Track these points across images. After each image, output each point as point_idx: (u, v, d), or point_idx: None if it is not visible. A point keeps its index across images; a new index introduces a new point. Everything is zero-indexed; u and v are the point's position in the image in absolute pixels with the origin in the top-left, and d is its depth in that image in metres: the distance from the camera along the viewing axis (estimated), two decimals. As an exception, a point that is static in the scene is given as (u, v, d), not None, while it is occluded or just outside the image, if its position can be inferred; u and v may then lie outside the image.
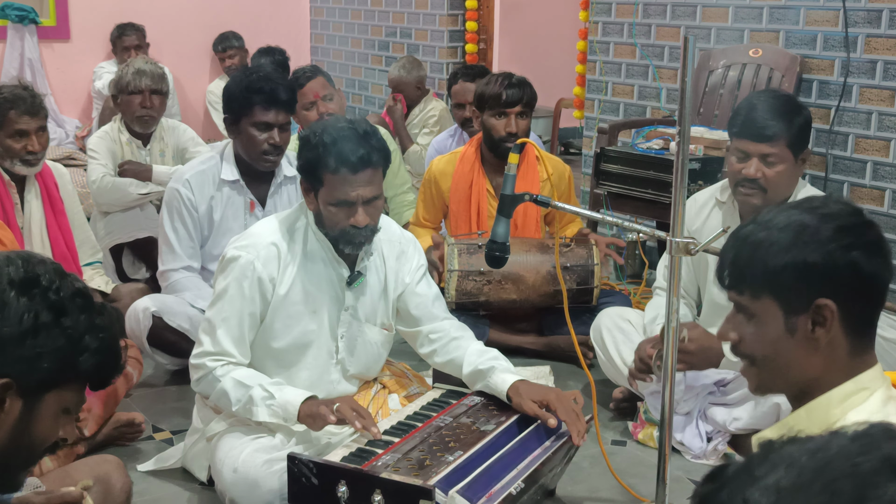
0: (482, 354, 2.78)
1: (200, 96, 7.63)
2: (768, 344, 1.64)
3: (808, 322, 1.60)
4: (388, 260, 2.84)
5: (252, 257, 2.65)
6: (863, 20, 4.25)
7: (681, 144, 2.18)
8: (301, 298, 2.71)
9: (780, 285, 1.60)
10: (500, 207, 2.67)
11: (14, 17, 6.94)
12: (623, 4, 5.38)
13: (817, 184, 4.43)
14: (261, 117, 3.43)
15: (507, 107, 3.91)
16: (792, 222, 1.60)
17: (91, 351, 1.51)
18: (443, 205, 4.18)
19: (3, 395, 1.43)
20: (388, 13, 7.23)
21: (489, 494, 2.30)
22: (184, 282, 3.61)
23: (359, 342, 2.82)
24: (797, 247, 1.59)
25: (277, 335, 2.72)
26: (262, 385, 2.62)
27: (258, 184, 3.61)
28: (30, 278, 1.47)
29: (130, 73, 4.44)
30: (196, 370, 2.71)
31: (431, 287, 2.91)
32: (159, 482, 2.89)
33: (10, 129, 3.52)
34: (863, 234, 1.61)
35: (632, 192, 4.49)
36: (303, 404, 2.56)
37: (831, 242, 1.58)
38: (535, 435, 2.59)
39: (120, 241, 4.50)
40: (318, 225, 2.69)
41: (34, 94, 3.61)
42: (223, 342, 2.66)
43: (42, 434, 1.53)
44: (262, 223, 2.79)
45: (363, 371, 2.87)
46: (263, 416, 2.60)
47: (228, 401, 2.63)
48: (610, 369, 3.40)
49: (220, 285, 2.69)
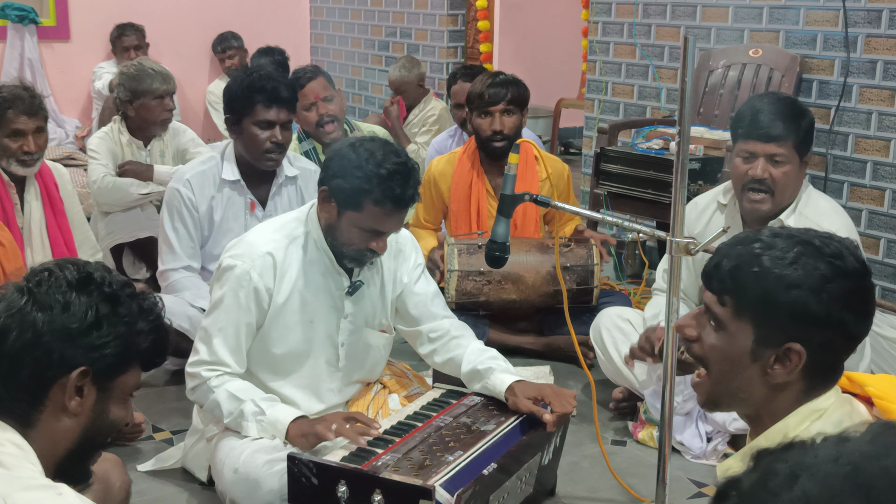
0: (481, 354, 2.78)
1: (200, 96, 7.63)
2: (726, 359, 1.63)
3: (772, 356, 1.58)
4: (386, 260, 2.83)
5: (248, 267, 2.63)
6: (863, 20, 4.25)
7: (681, 144, 2.18)
8: (298, 308, 2.70)
9: (767, 317, 1.58)
10: (501, 207, 2.66)
11: (14, 17, 6.94)
12: (623, 4, 5.38)
13: (817, 184, 4.43)
14: (263, 115, 3.43)
15: (490, 105, 3.92)
16: (804, 263, 1.56)
17: (146, 333, 1.66)
18: (442, 205, 4.18)
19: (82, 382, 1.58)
20: (388, 13, 7.23)
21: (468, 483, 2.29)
22: (183, 281, 3.61)
23: (360, 348, 2.82)
24: (802, 291, 1.55)
25: (274, 343, 2.71)
26: (253, 400, 2.61)
27: (259, 184, 3.61)
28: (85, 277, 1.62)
29: (152, 76, 4.40)
30: (191, 379, 2.70)
31: (430, 285, 2.90)
32: (159, 482, 2.89)
33: (8, 129, 3.51)
34: (865, 300, 1.60)
35: (632, 192, 4.49)
36: (292, 423, 2.56)
37: (835, 302, 1.55)
38: (520, 426, 2.60)
39: (120, 241, 4.50)
40: (326, 234, 2.67)
41: (34, 95, 3.60)
42: (219, 352, 2.66)
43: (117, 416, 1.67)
44: (259, 229, 2.77)
45: (365, 375, 2.88)
46: (253, 431, 2.60)
47: (221, 412, 2.63)
48: (610, 369, 3.40)
49: (216, 294, 2.69)
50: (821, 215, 3.04)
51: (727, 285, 1.62)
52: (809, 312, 1.55)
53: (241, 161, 3.58)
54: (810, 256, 1.57)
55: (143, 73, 4.43)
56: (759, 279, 1.58)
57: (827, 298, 1.55)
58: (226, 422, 2.63)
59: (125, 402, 1.69)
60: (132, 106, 4.45)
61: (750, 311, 1.59)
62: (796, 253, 1.57)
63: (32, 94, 3.60)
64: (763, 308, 1.58)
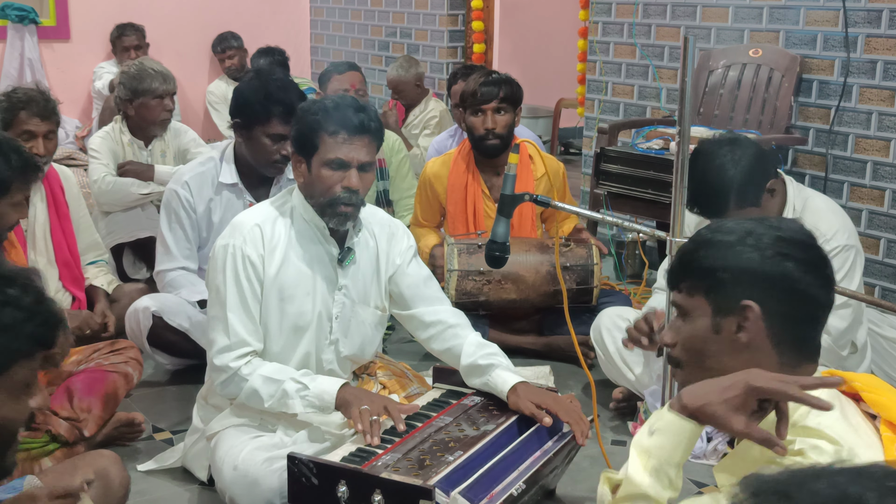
0: (481, 348, 2.79)
1: (200, 96, 7.63)
2: (697, 342, 1.70)
3: (733, 324, 1.65)
4: (380, 241, 2.86)
5: (239, 242, 2.67)
6: (863, 20, 4.26)
7: (681, 144, 2.18)
8: (293, 281, 2.72)
9: (712, 284, 1.66)
10: (500, 207, 2.67)
11: (14, 17, 6.94)
12: (623, 4, 5.38)
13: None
14: (277, 129, 3.41)
15: (482, 103, 3.94)
16: (740, 228, 1.67)
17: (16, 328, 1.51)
18: (439, 206, 4.19)
19: None
20: (388, 13, 7.23)
21: (490, 496, 2.30)
22: (179, 279, 3.61)
23: (353, 323, 2.83)
24: (737, 249, 1.65)
25: (272, 318, 2.72)
26: (293, 378, 2.64)
27: (259, 185, 3.61)
28: None
29: (152, 76, 4.40)
30: (220, 373, 2.68)
31: (422, 268, 2.92)
32: (159, 482, 2.89)
33: (19, 129, 3.52)
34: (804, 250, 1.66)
35: (632, 192, 4.49)
36: (339, 391, 2.60)
37: (768, 249, 1.63)
38: (537, 436, 2.60)
39: (121, 241, 4.50)
40: (307, 197, 2.71)
41: (48, 99, 3.62)
42: (239, 331, 2.66)
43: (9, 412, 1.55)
44: (247, 211, 2.83)
45: (357, 352, 2.87)
46: (299, 407, 2.62)
47: (260, 398, 2.63)
48: (610, 369, 3.40)
49: (216, 280, 2.70)
50: (818, 216, 3.03)
51: (679, 272, 1.73)
52: (746, 268, 1.63)
53: (241, 162, 3.58)
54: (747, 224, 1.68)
55: (144, 73, 4.43)
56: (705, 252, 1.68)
57: (759, 251, 1.63)
58: (267, 405, 2.63)
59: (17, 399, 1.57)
60: (132, 105, 4.46)
61: (702, 285, 1.68)
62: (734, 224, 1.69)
63: (47, 97, 3.62)
64: (706, 277, 1.67)
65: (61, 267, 3.66)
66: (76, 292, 3.69)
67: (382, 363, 3.03)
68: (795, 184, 3.13)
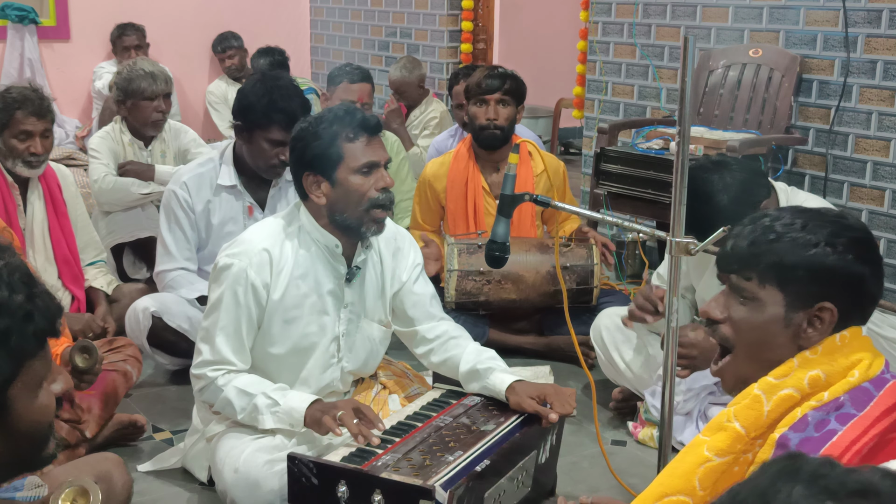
0: (480, 354, 2.79)
1: (200, 96, 7.63)
2: (757, 327, 1.70)
3: (805, 319, 1.67)
4: (385, 257, 2.84)
5: (244, 265, 2.64)
6: (863, 20, 4.26)
7: (681, 144, 2.18)
8: (298, 302, 2.70)
9: (791, 279, 1.67)
10: (501, 207, 2.67)
11: (14, 17, 6.94)
12: (623, 4, 5.38)
13: (817, 184, 4.44)
14: (278, 136, 3.40)
15: (486, 93, 3.97)
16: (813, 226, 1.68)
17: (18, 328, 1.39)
18: (439, 207, 4.19)
19: None
20: (388, 13, 7.23)
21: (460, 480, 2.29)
22: (178, 279, 3.61)
23: (358, 339, 2.82)
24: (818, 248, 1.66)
25: (276, 340, 2.71)
26: (265, 392, 2.62)
27: (258, 186, 3.60)
28: None
29: (141, 77, 4.39)
30: (198, 380, 2.71)
31: (428, 286, 2.91)
32: (159, 482, 2.89)
33: (16, 129, 3.53)
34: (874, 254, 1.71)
35: (632, 192, 4.48)
36: (308, 409, 2.56)
37: (849, 253, 1.66)
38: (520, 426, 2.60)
39: (121, 241, 4.50)
40: (330, 217, 2.66)
41: (43, 97, 3.62)
42: (222, 350, 2.66)
43: (38, 406, 1.48)
44: (254, 228, 2.78)
45: (360, 367, 2.87)
46: (269, 423, 2.60)
47: (233, 409, 2.63)
48: (610, 369, 3.40)
49: (214, 294, 2.69)
50: None
51: (747, 260, 1.71)
52: (828, 267, 1.65)
53: (241, 163, 3.58)
54: (816, 219, 1.69)
55: (134, 74, 4.42)
56: (777, 245, 1.68)
57: (842, 250, 1.65)
58: (239, 417, 2.63)
59: (36, 396, 1.48)
60: (125, 106, 4.46)
61: (775, 277, 1.68)
62: (803, 219, 1.69)
63: (41, 96, 3.62)
64: (786, 271, 1.67)
65: (60, 265, 3.66)
66: (75, 291, 3.69)
67: (382, 363, 3.03)
68: (788, 190, 3.11)
